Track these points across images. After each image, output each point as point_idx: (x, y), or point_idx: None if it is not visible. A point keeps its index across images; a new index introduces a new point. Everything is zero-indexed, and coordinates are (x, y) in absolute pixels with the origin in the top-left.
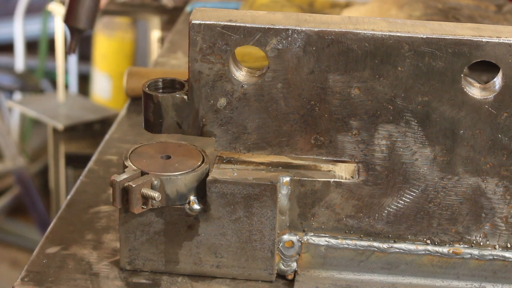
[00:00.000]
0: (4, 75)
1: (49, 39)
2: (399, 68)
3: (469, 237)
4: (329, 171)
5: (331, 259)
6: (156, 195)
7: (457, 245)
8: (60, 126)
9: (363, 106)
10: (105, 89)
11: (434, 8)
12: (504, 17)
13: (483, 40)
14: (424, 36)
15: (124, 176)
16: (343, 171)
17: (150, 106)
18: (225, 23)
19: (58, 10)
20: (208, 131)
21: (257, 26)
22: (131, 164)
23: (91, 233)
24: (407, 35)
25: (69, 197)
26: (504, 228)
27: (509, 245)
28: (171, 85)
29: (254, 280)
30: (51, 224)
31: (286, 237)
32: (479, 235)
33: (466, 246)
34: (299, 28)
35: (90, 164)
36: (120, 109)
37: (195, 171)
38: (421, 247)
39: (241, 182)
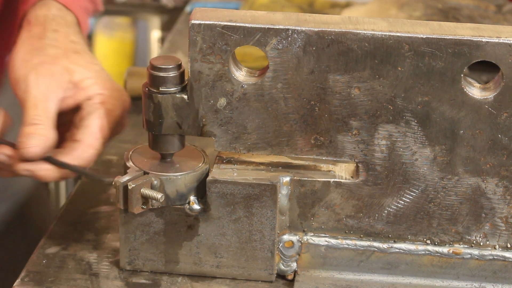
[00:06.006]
0: None
1: None
2: (399, 68)
3: (469, 237)
4: (329, 171)
5: (331, 259)
6: (159, 196)
7: (457, 245)
8: None
9: (363, 106)
10: None
11: (434, 8)
12: (504, 17)
13: (483, 40)
14: (424, 36)
15: (127, 177)
16: (343, 171)
17: (150, 106)
18: (225, 23)
19: None
20: (208, 131)
21: (257, 26)
22: (133, 165)
23: (91, 233)
24: (407, 35)
25: (69, 197)
26: (504, 228)
27: (509, 245)
28: None
29: (254, 280)
30: (51, 224)
31: (286, 237)
32: (479, 235)
33: (466, 246)
34: (299, 28)
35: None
36: None
37: (195, 171)
38: (421, 247)
39: (241, 182)
